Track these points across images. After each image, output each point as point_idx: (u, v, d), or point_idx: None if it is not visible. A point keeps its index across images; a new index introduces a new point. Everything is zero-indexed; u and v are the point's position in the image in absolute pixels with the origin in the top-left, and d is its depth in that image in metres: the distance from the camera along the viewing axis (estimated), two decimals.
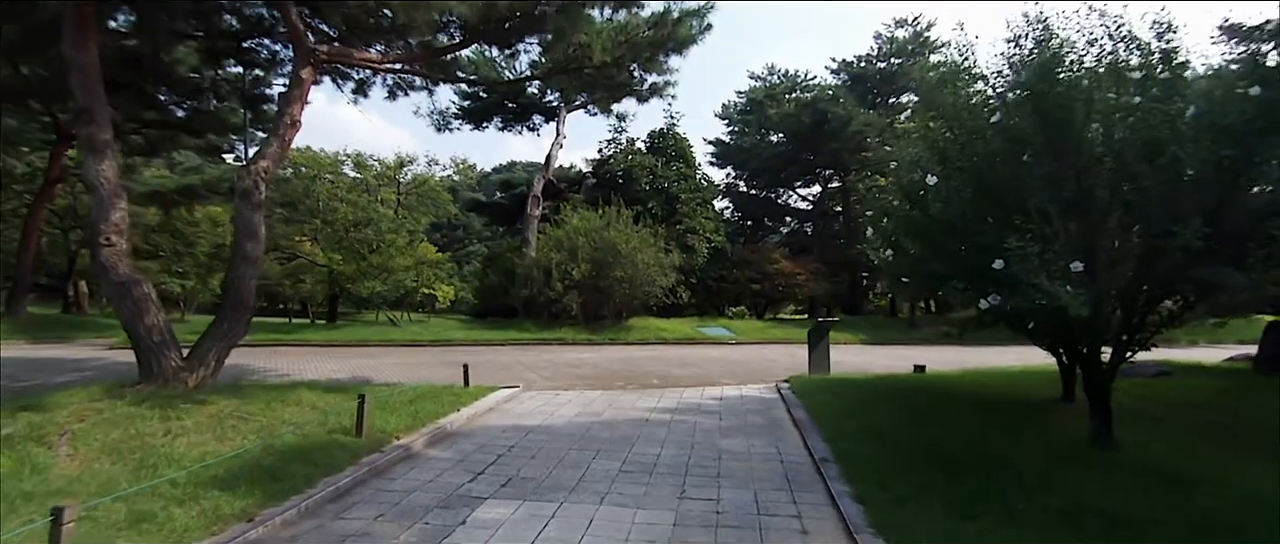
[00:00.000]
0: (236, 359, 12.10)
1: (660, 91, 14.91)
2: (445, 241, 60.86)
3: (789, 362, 14.44)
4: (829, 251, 32.16)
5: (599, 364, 13.15)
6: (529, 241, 22.45)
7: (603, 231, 19.80)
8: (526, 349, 16.46)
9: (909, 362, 15.54)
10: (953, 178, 5.75)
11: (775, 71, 32.18)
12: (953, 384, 10.44)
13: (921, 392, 9.51)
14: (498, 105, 27.01)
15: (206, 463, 4.90)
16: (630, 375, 11.67)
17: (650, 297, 20.37)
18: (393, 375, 10.89)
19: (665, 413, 8.31)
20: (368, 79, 11.18)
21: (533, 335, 18.26)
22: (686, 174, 26.90)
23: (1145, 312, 5.48)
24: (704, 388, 10.51)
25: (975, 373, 11.89)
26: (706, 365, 13.48)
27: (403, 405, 7.56)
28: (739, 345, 19.47)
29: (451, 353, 14.93)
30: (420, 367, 12.25)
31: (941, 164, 5.73)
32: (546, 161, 24.61)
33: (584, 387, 10.34)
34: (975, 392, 9.70)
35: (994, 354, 17.68)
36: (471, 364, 10.23)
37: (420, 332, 17.91)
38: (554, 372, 11.95)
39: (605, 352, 15.96)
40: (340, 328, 18.12)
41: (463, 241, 55.53)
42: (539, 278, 19.84)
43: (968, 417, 7.77)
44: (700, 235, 25.52)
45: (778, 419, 8.12)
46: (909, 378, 11.06)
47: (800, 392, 9.63)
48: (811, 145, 29.79)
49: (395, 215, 20.17)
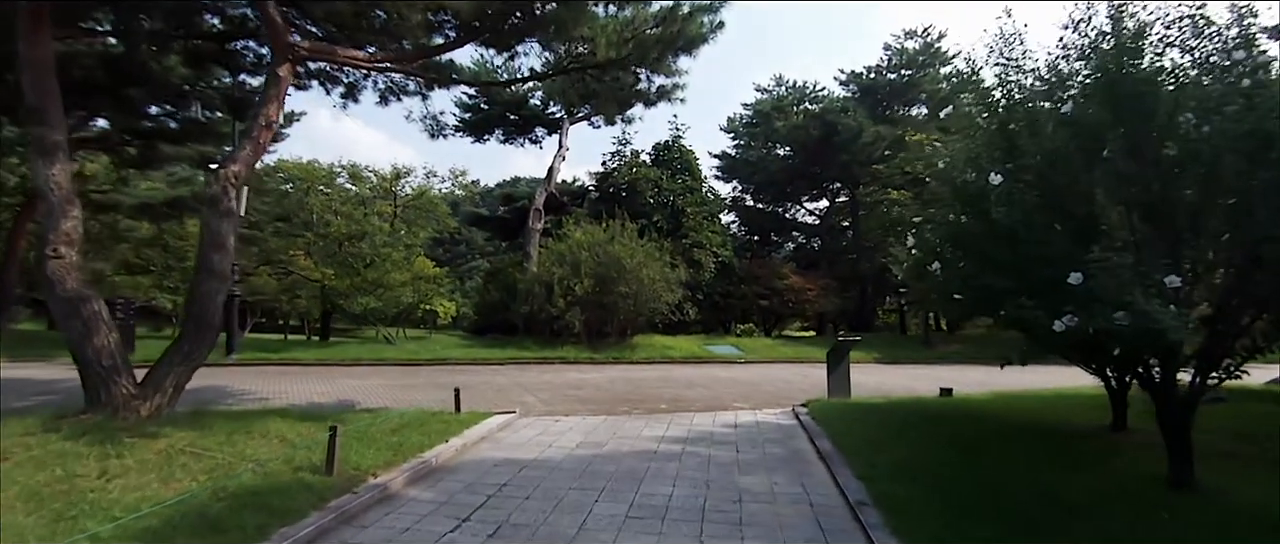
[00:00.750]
0: (213, 381, 11.47)
1: (668, 95, 14.28)
2: (448, 256, 60.19)
3: (803, 383, 13.66)
4: (838, 267, 31.42)
5: (602, 386, 12.39)
6: (530, 256, 21.80)
7: (606, 246, 19.13)
8: (526, 369, 15.71)
9: (928, 382, 14.78)
10: (1016, 178, 5.01)
11: (783, 82, 31.69)
12: (985, 409, 9.64)
13: (954, 419, 8.72)
14: (499, 118, 26.55)
15: (141, 512, 4.15)
16: (635, 398, 10.90)
17: (656, 313, 19.64)
18: (380, 399, 10.16)
19: (675, 443, 7.55)
20: (357, 83, 10.58)
21: (533, 354, 17.51)
22: (692, 187, 26.29)
23: (1237, 332, 4.72)
24: (716, 413, 9.74)
25: (1006, 396, 11.09)
26: (716, 387, 12.71)
27: (384, 436, 6.82)
28: (748, 364, 18.68)
29: (447, 373, 14.20)
30: (412, 388, 11.52)
31: (1009, 159, 4.96)
32: (548, 174, 24.04)
33: (586, 412, 9.57)
34: (1013, 418, 8.91)
35: (1015, 375, 16.80)
36: (466, 386, 9.50)
37: (417, 350, 17.19)
38: (553, 394, 11.20)
39: (608, 372, 15.19)
40: (333, 346, 17.42)
41: (465, 257, 54.90)
42: (540, 294, 19.14)
43: (1012, 448, 6.99)
44: (707, 250, 24.83)
45: (800, 451, 7.34)
46: (936, 402, 10.27)
47: (821, 418, 8.85)
48: (820, 158, 29.18)
49: (391, 229, 19.54)
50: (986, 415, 9.09)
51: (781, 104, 31.05)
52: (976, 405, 9.97)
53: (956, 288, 5.77)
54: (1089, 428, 8.16)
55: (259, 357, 15.03)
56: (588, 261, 19.01)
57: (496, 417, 8.71)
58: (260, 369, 14.04)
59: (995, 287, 4.56)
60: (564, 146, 24.44)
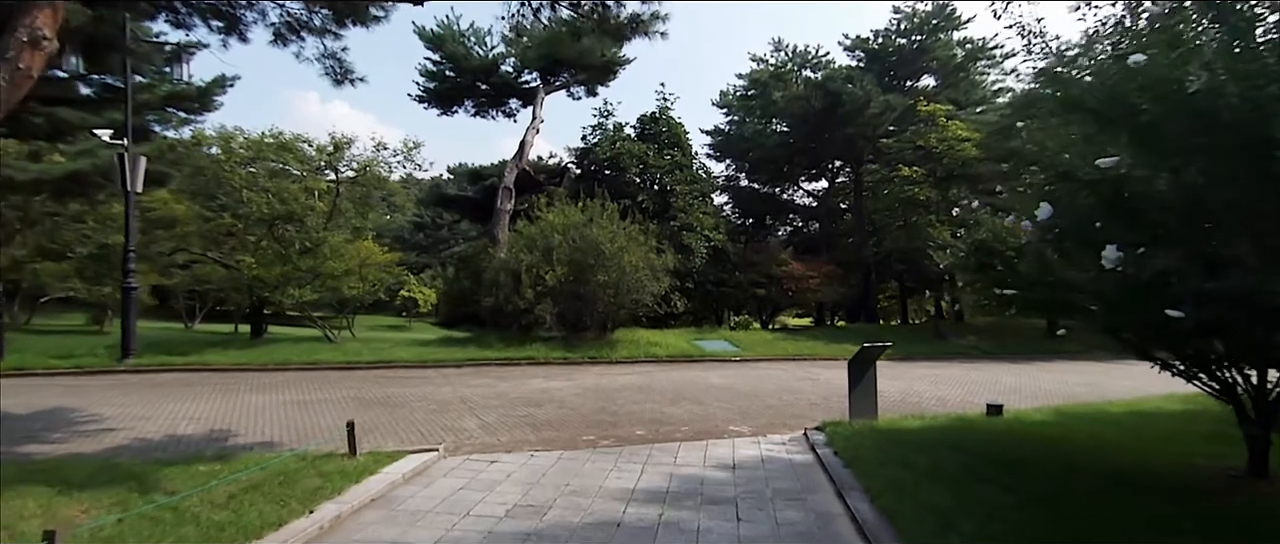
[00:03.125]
0: (65, 399, 9.07)
1: (645, 28, 11.83)
2: (429, 241, 57.39)
3: (811, 392, 11.44)
4: (837, 252, 29.23)
5: (567, 400, 10.10)
6: (498, 241, 19.39)
7: (583, 229, 16.73)
8: (483, 372, 13.37)
9: (957, 387, 12.63)
10: None
11: (783, 47, 28.94)
12: (1059, 440, 7.44)
13: (1026, 458, 6.51)
14: (468, 88, 23.98)
15: None
16: (606, 421, 8.62)
17: (639, 305, 17.32)
18: (272, 425, 7.82)
19: (649, 504, 5.28)
20: (240, 14, 8.08)
21: (496, 354, 15.17)
22: (682, 163, 23.83)
23: None
24: (708, 443, 7.48)
25: (1071, 415, 8.92)
26: (708, 399, 10.46)
27: (207, 511, 4.51)
28: (744, 363, 16.45)
29: (383, 381, 11.86)
30: (327, 406, 9.17)
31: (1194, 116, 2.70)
32: (520, 148, 21.54)
33: (537, 444, 7.28)
34: (1105, 455, 6.72)
35: (1049, 373, 14.75)
36: (398, 401, 7.29)
37: (359, 350, 14.80)
38: (504, 414, 8.89)
39: (581, 377, 12.90)
40: (262, 346, 14.99)
41: (448, 242, 52.05)
42: (506, 284, 16.76)
43: (1131, 513, 4.77)
44: (697, 233, 22.47)
45: (828, 518, 5.09)
46: (990, 427, 8.05)
47: (848, 454, 6.62)
48: (822, 133, 26.77)
49: (328, 208, 16.96)
50: (1067, 451, 6.88)
51: (781, 72, 28.46)
52: (1045, 433, 7.75)
53: (1110, 288, 3.46)
54: (1214, 473, 5.97)
55: (161, 361, 12.59)
56: (561, 247, 16.64)
57: (409, 458, 6.40)
58: (155, 377, 11.63)
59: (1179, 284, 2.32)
60: (538, 118, 21.93)
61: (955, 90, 27.03)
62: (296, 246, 14.91)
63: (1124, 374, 15.16)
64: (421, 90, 23.92)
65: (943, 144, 21.68)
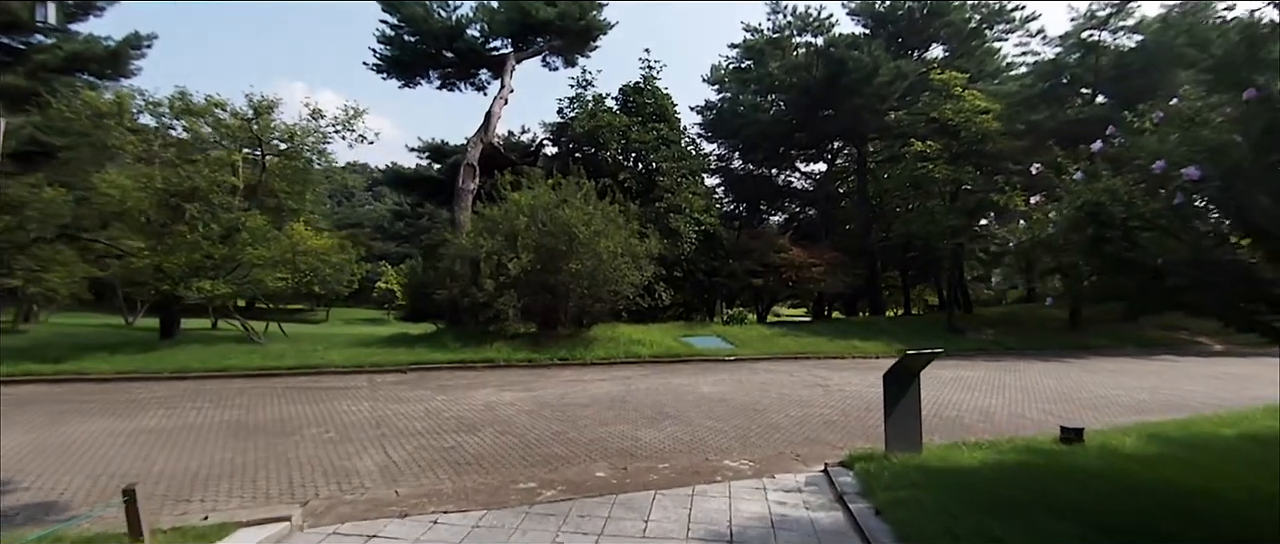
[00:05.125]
0: None
1: None
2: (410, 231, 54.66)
3: (825, 402, 9.30)
4: (838, 239, 27.11)
5: (514, 422, 7.89)
6: (460, 225, 17.08)
7: (553, 210, 14.45)
8: (426, 380, 11.14)
9: (995, 394, 10.44)
10: None
11: (780, 9, 26.31)
12: (1174, 478, 5.30)
13: (1147, 511, 4.38)
14: (430, 55, 21.50)
15: None
16: (557, 454, 6.42)
17: (619, 297, 15.11)
18: (69, 476, 5.54)
19: None
20: None
21: (449, 355, 12.92)
22: (669, 138, 21.49)
23: None
24: (693, 490, 5.31)
25: (1177, 442, 6.81)
26: (696, 417, 8.28)
27: None
28: (740, 363, 14.31)
29: (295, 393, 9.60)
30: (191, 435, 6.89)
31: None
32: (486, 120, 19.18)
33: (451, 498, 5.06)
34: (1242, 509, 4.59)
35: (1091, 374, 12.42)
36: (292, 423, 5.40)
37: (284, 352, 12.50)
38: (422, 445, 6.67)
39: (543, 385, 10.70)
40: (165, 350, 12.65)
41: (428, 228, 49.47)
42: (464, 274, 14.49)
43: None
44: (686, 215, 20.20)
45: None
46: (1077, 463, 5.87)
47: (893, 511, 4.51)
48: (824, 106, 24.46)
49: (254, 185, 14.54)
50: (1206, 508, 4.73)
51: (779, 39, 26.01)
52: (1160, 473, 5.58)
53: None
54: None
55: (25, 371, 10.26)
56: (528, 231, 14.37)
57: (238, 535, 4.19)
58: (12, 392, 9.29)
59: None
60: (507, 87, 19.56)
61: (968, 60, 24.79)
62: (201, 230, 12.51)
63: (1177, 373, 13.13)
64: (378, 58, 21.42)
65: (960, 115, 19.45)
